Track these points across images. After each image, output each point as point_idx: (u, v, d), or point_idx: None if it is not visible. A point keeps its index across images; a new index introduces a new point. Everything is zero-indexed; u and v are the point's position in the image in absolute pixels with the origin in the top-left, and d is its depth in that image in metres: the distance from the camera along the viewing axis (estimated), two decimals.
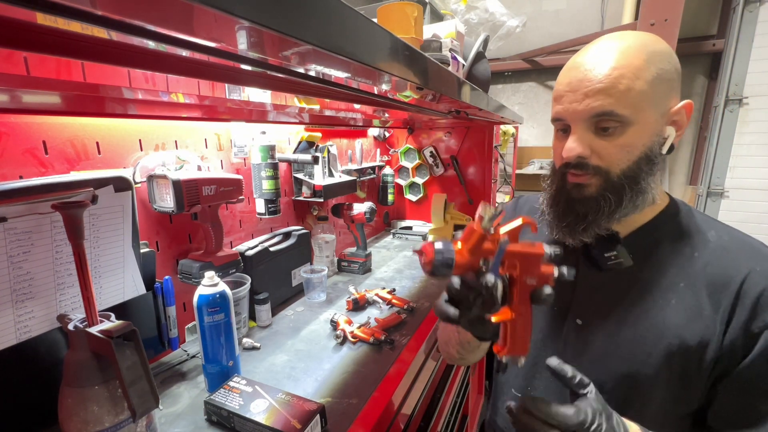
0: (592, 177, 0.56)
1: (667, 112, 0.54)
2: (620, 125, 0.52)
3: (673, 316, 0.54)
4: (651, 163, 0.54)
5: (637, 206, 0.56)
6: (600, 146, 0.54)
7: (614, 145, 0.53)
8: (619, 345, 0.57)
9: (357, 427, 0.67)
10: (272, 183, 1.05)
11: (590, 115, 0.53)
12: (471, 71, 1.14)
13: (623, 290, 0.59)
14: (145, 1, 0.21)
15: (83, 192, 0.63)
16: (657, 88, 0.51)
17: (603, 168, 0.55)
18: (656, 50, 0.52)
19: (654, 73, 0.51)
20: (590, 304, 0.61)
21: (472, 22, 1.87)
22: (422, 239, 1.85)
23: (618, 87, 0.51)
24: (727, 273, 0.52)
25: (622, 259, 0.57)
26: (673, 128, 0.54)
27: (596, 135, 0.54)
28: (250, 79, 0.52)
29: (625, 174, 0.54)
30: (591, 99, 0.52)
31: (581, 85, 0.53)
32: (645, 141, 0.53)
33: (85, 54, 0.33)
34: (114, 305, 0.72)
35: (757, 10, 2.25)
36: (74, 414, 0.49)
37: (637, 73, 0.51)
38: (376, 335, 0.92)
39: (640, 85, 0.51)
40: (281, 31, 0.26)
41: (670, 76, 0.53)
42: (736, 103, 2.37)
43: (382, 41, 0.41)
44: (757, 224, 2.41)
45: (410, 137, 1.97)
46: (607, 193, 0.55)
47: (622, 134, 0.53)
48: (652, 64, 0.51)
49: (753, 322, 0.49)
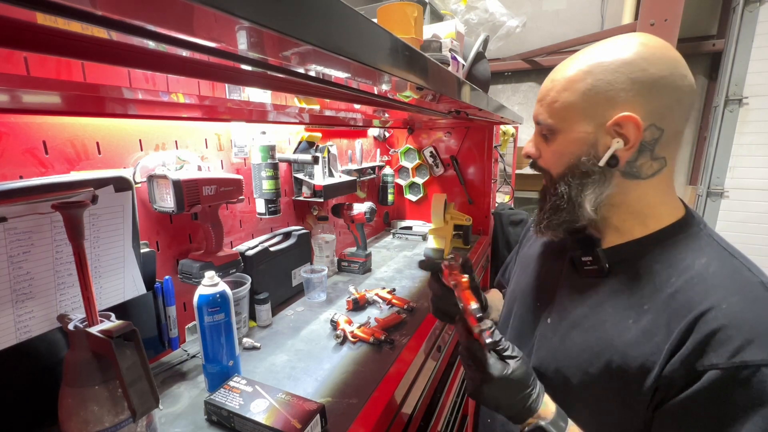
0: (544, 176, 0.62)
1: (603, 124, 0.52)
2: (550, 132, 0.57)
3: (624, 335, 0.52)
4: (582, 172, 0.55)
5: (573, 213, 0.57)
6: (543, 149, 0.60)
7: (550, 150, 0.58)
8: (568, 348, 0.58)
9: (357, 427, 0.67)
10: (272, 183, 1.05)
11: (534, 121, 0.60)
12: (471, 71, 1.14)
13: (590, 296, 0.58)
14: (145, 1, 0.21)
15: (83, 192, 0.63)
16: (589, 100, 0.52)
17: (546, 170, 0.61)
18: (604, 61, 0.51)
19: (588, 85, 0.51)
20: (560, 305, 0.62)
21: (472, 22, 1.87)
22: (422, 239, 1.85)
23: (546, 98, 0.56)
24: (690, 303, 0.48)
25: (597, 265, 0.57)
26: (618, 140, 0.52)
27: (542, 139, 0.60)
28: (251, 80, 0.52)
29: (561, 177, 0.58)
30: (536, 107, 0.60)
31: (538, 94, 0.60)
32: (574, 150, 0.55)
33: (85, 54, 0.33)
34: (114, 305, 0.72)
35: (757, 10, 2.25)
36: (74, 414, 0.49)
37: (566, 84, 0.53)
38: (376, 335, 0.92)
39: (566, 96, 0.53)
40: (281, 31, 0.26)
41: (611, 88, 0.50)
42: (736, 103, 2.37)
43: (383, 41, 0.41)
44: (757, 224, 2.42)
45: (410, 137, 1.97)
46: (548, 193, 0.61)
47: (553, 141, 0.57)
48: (590, 75, 0.52)
49: (698, 359, 0.45)
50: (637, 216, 0.56)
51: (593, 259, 0.58)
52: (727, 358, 0.43)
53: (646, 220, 0.56)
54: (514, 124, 2.13)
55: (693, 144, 2.72)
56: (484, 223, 1.93)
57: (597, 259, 0.57)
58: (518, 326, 0.70)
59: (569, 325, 0.59)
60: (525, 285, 0.73)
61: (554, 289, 0.65)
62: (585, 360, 0.55)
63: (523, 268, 0.77)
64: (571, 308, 0.60)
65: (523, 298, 0.71)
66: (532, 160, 0.63)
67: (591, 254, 0.58)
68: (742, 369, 0.43)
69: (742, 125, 2.39)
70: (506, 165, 2.45)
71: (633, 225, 0.56)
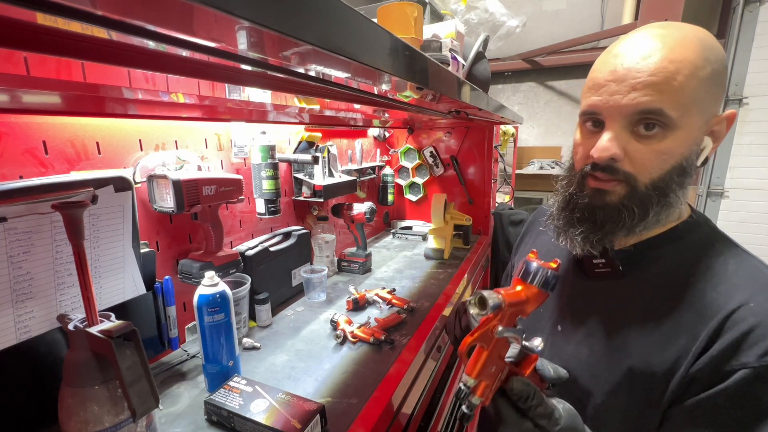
0: (618, 184, 0.50)
1: (710, 119, 0.47)
2: (663, 128, 0.46)
3: (645, 342, 0.49)
4: (684, 174, 0.49)
5: (660, 221, 0.51)
6: (635, 149, 0.48)
7: (651, 150, 0.47)
8: (585, 356, 0.55)
9: (357, 427, 0.67)
10: (272, 183, 1.05)
11: (634, 111, 0.46)
12: (471, 71, 1.14)
13: (604, 301, 0.55)
14: (145, 1, 0.21)
15: (83, 192, 0.63)
16: (709, 91, 0.45)
17: (632, 174, 0.49)
18: (713, 47, 0.45)
19: (709, 73, 0.45)
20: (571, 312, 0.59)
21: (472, 22, 1.87)
22: (422, 239, 1.85)
23: (672, 83, 0.44)
24: (716, 303, 0.46)
25: (611, 268, 0.54)
26: (710, 139, 0.49)
27: (633, 136, 0.48)
28: (251, 80, 0.52)
29: (654, 184, 0.48)
30: (639, 93, 0.45)
31: (628, 75, 0.46)
32: (684, 149, 0.47)
33: (85, 54, 0.33)
34: (114, 305, 0.72)
35: (757, 10, 2.25)
36: (74, 414, 0.49)
37: (693, 70, 0.44)
38: (375, 335, 0.92)
39: (695, 84, 0.44)
40: (281, 31, 0.26)
41: (723, 80, 0.47)
42: (736, 103, 2.37)
43: (383, 41, 0.41)
44: (757, 224, 2.42)
45: (410, 137, 1.97)
46: (632, 204, 0.49)
47: (663, 139, 0.47)
48: (708, 62, 0.45)
49: (730, 359, 0.43)
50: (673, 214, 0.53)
51: (606, 261, 0.54)
52: (758, 357, 0.42)
53: (681, 215, 0.54)
54: (514, 124, 2.13)
55: None
56: (484, 223, 1.93)
57: (610, 261, 0.54)
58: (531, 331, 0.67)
59: (585, 333, 0.56)
60: None
61: (561, 294, 0.62)
62: (604, 368, 0.52)
63: None
64: (583, 315, 0.57)
65: None
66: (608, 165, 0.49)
67: (604, 256, 0.54)
68: None
69: (742, 125, 2.39)
70: (506, 165, 2.45)
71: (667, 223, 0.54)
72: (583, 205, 0.53)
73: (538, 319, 0.65)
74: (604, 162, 0.49)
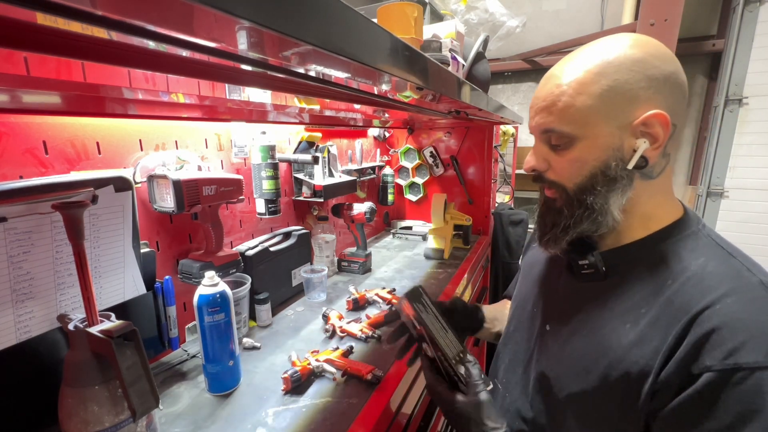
0: (556, 191, 0.57)
1: (628, 125, 0.50)
2: (567, 140, 0.53)
3: (622, 340, 0.50)
4: (609, 179, 0.52)
5: (598, 222, 0.53)
6: (554, 160, 0.55)
7: (565, 160, 0.54)
8: (567, 354, 0.57)
9: (357, 426, 0.67)
10: (272, 183, 1.05)
11: (539, 131, 0.55)
12: (471, 71, 1.14)
13: (588, 301, 0.57)
14: (145, 1, 0.21)
15: (83, 192, 0.63)
16: (609, 101, 0.49)
17: (558, 183, 0.56)
18: (614, 61, 0.49)
19: (604, 86, 0.49)
20: (559, 311, 0.61)
21: (472, 23, 1.87)
22: (422, 239, 1.85)
23: (557, 105, 0.52)
24: (687, 305, 0.47)
25: (595, 269, 0.56)
26: (644, 140, 0.50)
27: (551, 149, 0.55)
28: (251, 80, 0.52)
29: (581, 189, 0.54)
30: (538, 116, 0.55)
31: (533, 102, 0.56)
32: (597, 155, 0.51)
33: (85, 54, 0.33)
34: (114, 305, 0.72)
35: (757, 10, 2.25)
36: (74, 414, 0.49)
37: (579, 88, 0.50)
38: (362, 331, 0.94)
39: (582, 100, 0.50)
40: (281, 31, 0.26)
41: (630, 86, 0.48)
42: (736, 103, 2.37)
43: (383, 42, 0.41)
44: (757, 224, 2.42)
45: (410, 137, 1.97)
46: (564, 207, 0.56)
47: (571, 149, 0.53)
48: (603, 76, 0.49)
49: (693, 362, 0.44)
50: (641, 217, 0.54)
51: (590, 262, 0.56)
52: (720, 359, 0.42)
53: (649, 221, 0.55)
54: (514, 124, 2.13)
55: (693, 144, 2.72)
56: (484, 223, 1.93)
57: (594, 262, 0.56)
58: (519, 334, 0.69)
59: (569, 332, 0.58)
60: (525, 292, 0.72)
61: (552, 294, 0.64)
62: (584, 366, 0.53)
63: (524, 275, 0.77)
64: (569, 314, 0.59)
65: (523, 305, 0.71)
66: (537, 174, 0.59)
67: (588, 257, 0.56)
68: (736, 371, 0.41)
69: (742, 125, 2.39)
70: (506, 165, 2.45)
71: (636, 227, 0.55)
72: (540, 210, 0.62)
73: (532, 319, 0.67)
74: (528, 172, 0.59)
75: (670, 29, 2.01)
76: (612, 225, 0.54)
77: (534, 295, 0.69)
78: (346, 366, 0.80)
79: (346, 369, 0.79)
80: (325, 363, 0.81)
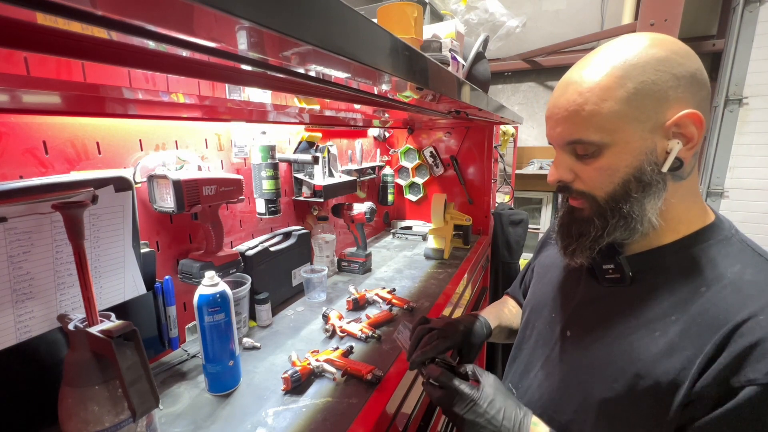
0: (584, 201, 0.55)
1: (660, 126, 0.48)
2: (595, 149, 0.50)
3: (651, 348, 0.49)
4: (643, 184, 0.49)
5: (634, 230, 0.51)
6: (580, 170, 0.53)
7: (593, 169, 0.51)
8: (591, 361, 0.55)
9: (357, 426, 0.67)
10: (272, 183, 1.05)
11: (563, 142, 0.53)
12: (471, 71, 1.14)
13: (612, 307, 0.55)
14: (145, 1, 0.21)
15: (83, 192, 0.63)
16: (637, 104, 0.47)
17: (587, 192, 0.53)
18: (638, 62, 0.47)
19: (630, 90, 0.47)
20: (581, 317, 0.60)
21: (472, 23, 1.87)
22: (422, 239, 1.85)
23: (581, 113, 0.49)
24: (725, 314, 0.45)
25: (620, 273, 0.54)
26: (677, 141, 0.48)
27: (577, 159, 0.53)
28: (251, 80, 0.52)
29: (612, 197, 0.51)
30: (561, 127, 0.52)
31: (552, 112, 0.53)
32: (629, 161, 0.49)
33: (85, 54, 0.33)
34: (114, 305, 0.72)
35: (757, 10, 2.25)
36: (74, 414, 0.49)
37: (603, 94, 0.48)
38: (362, 331, 0.94)
39: (609, 106, 0.47)
40: (281, 31, 0.26)
41: (659, 87, 0.47)
42: (736, 103, 2.37)
43: (383, 42, 0.41)
44: (757, 224, 2.42)
45: (410, 137, 1.97)
46: (594, 217, 0.53)
47: (600, 157, 0.50)
48: (628, 79, 0.47)
49: (734, 374, 0.42)
50: (671, 220, 0.52)
51: (615, 267, 0.54)
52: (765, 373, 0.40)
53: (679, 224, 0.52)
54: (514, 124, 2.13)
55: None
56: (484, 223, 1.93)
57: (619, 267, 0.54)
58: (535, 339, 0.67)
59: (591, 339, 0.56)
60: (541, 295, 0.70)
61: (572, 299, 0.62)
62: (610, 375, 0.52)
63: (539, 278, 0.74)
64: (592, 320, 0.57)
65: (539, 309, 0.69)
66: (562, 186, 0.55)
67: (613, 262, 0.55)
68: None
69: (742, 125, 2.39)
70: (506, 165, 2.45)
71: (665, 230, 0.53)
72: (566, 221, 0.59)
73: (550, 324, 0.65)
74: (554, 185, 0.56)
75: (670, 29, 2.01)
76: (647, 231, 0.52)
77: (551, 300, 0.67)
78: (346, 366, 0.80)
79: (346, 369, 0.79)
80: (325, 363, 0.81)
